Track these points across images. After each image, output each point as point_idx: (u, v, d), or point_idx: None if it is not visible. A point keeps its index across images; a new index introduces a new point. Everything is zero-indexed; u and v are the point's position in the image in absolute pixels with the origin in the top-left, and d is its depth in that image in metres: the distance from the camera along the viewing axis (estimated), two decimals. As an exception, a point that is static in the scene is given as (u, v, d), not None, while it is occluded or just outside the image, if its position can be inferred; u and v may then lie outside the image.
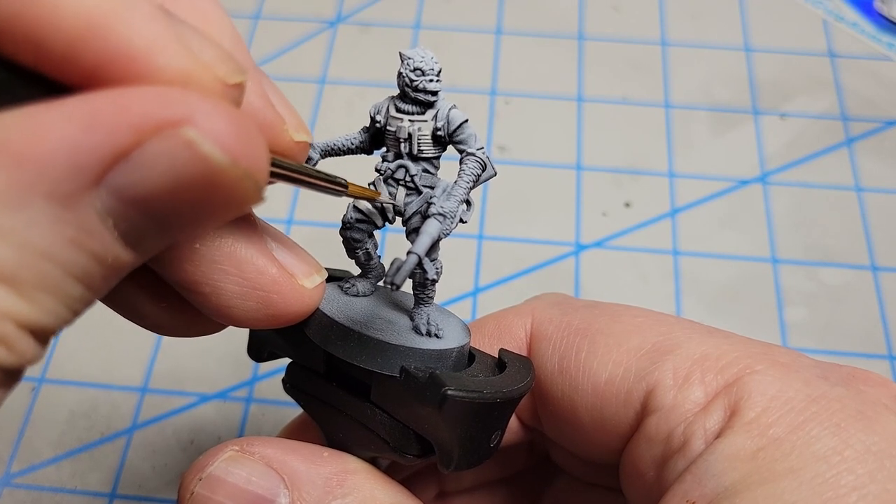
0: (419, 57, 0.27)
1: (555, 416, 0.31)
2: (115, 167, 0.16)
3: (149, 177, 0.17)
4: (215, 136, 0.17)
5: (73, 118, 0.16)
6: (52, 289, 0.17)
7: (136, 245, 0.18)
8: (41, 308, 0.17)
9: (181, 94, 0.17)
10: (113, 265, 0.18)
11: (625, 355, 0.28)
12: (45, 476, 0.47)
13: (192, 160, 0.17)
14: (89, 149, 0.16)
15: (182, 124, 0.16)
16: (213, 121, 0.17)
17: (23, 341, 0.17)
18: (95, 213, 0.17)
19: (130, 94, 0.17)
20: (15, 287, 0.16)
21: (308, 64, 0.65)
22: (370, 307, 0.29)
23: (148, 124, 0.16)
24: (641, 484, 0.27)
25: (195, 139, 0.16)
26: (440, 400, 0.24)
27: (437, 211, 0.27)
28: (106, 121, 0.16)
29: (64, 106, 0.16)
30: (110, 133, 0.16)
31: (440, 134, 0.27)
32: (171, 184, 0.17)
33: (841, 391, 0.24)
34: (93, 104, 0.16)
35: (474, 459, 0.27)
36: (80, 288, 0.17)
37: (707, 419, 0.25)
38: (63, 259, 0.17)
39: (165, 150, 0.16)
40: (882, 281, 0.54)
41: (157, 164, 0.16)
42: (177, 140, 0.16)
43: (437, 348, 0.27)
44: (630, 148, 0.61)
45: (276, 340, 0.30)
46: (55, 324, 0.18)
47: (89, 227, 0.17)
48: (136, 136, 0.16)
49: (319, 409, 0.29)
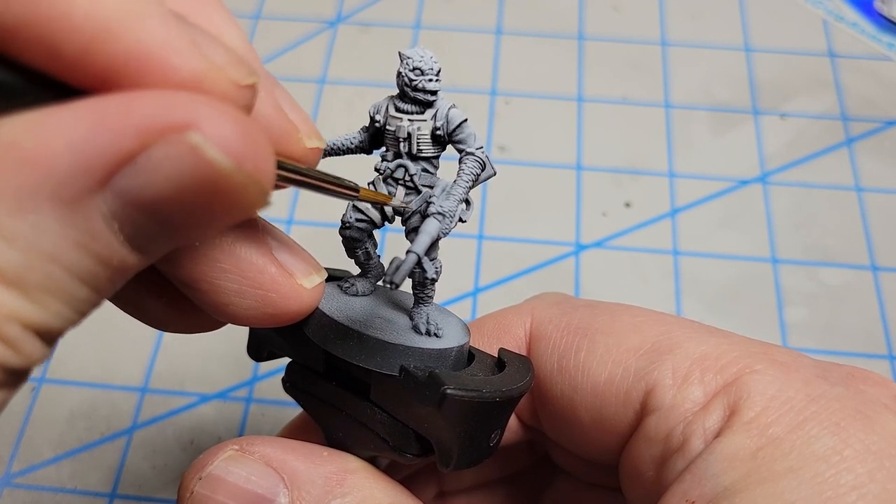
0: (418, 56, 0.27)
1: (554, 415, 0.31)
2: (120, 170, 0.16)
3: (154, 181, 0.17)
4: (220, 141, 0.17)
5: (80, 121, 0.16)
6: (58, 291, 0.17)
7: (142, 248, 0.18)
8: (47, 310, 0.17)
9: (187, 99, 0.17)
10: (118, 267, 0.18)
11: (624, 355, 0.28)
12: (45, 476, 0.47)
13: (197, 164, 0.17)
14: (95, 152, 0.16)
15: (187, 128, 0.16)
16: (218, 125, 0.17)
17: (29, 343, 0.17)
18: (101, 217, 0.17)
19: (137, 98, 0.17)
20: (21, 289, 0.16)
21: (308, 64, 0.65)
22: (369, 306, 0.29)
23: (153, 128, 0.16)
24: (641, 483, 0.27)
25: (200, 144, 0.16)
26: (439, 399, 0.24)
27: (436, 210, 0.27)
28: (112, 124, 0.16)
29: (70, 109, 0.16)
30: (116, 136, 0.16)
31: (439, 133, 0.27)
32: (175, 188, 0.17)
33: (840, 391, 0.24)
34: (99, 107, 0.16)
35: (473, 459, 0.27)
36: (85, 290, 0.18)
37: (706, 419, 0.25)
38: (69, 262, 0.17)
39: (170, 155, 0.16)
40: (882, 281, 0.54)
41: (161, 169, 0.16)
42: (182, 144, 0.16)
43: (437, 347, 0.27)
44: (630, 148, 0.61)
45: (276, 340, 0.30)
46: (61, 325, 0.18)
47: (95, 230, 0.17)
48: (141, 139, 0.16)
49: (319, 408, 0.29)
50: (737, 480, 0.23)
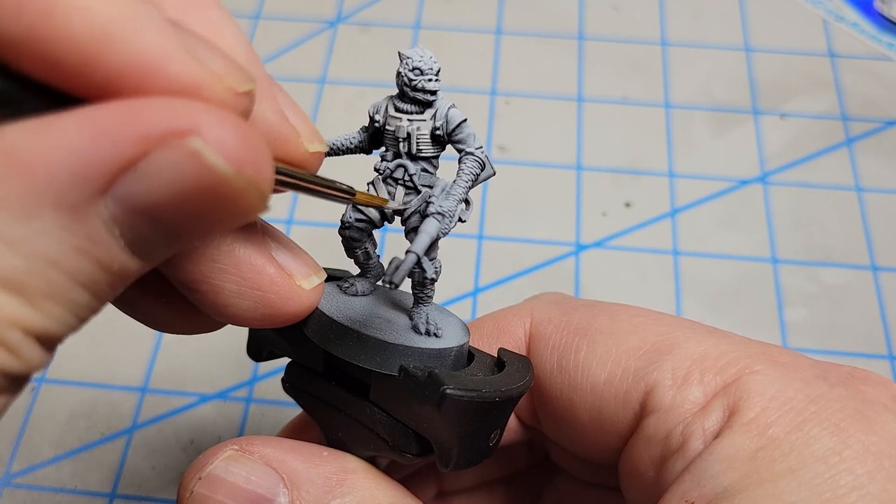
0: (418, 56, 0.27)
1: (554, 415, 0.31)
2: (121, 177, 0.17)
3: (155, 186, 0.17)
4: (220, 147, 0.17)
5: (81, 129, 0.16)
6: (60, 297, 0.17)
7: (143, 253, 0.18)
8: (48, 315, 0.17)
9: (187, 105, 0.17)
10: (119, 273, 0.18)
11: (624, 355, 0.28)
12: (45, 476, 0.47)
13: (198, 170, 0.17)
14: (96, 159, 0.16)
15: (188, 134, 0.17)
16: (219, 131, 0.17)
17: (29, 348, 0.17)
18: (102, 223, 0.17)
19: (137, 105, 0.17)
20: (23, 295, 0.16)
21: (308, 64, 0.65)
22: (369, 306, 0.29)
23: (154, 134, 0.16)
24: (640, 484, 0.27)
25: (201, 149, 0.17)
26: (439, 399, 0.24)
27: (435, 210, 0.27)
28: (112, 131, 0.16)
29: (71, 117, 0.16)
30: (117, 143, 0.16)
31: (439, 133, 0.27)
32: (176, 193, 0.17)
33: (840, 391, 0.24)
34: (100, 115, 0.16)
35: (473, 458, 0.27)
36: (86, 295, 0.18)
37: (706, 419, 0.25)
38: (70, 267, 0.17)
39: (171, 160, 0.17)
40: (882, 281, 0.54)
41: (162, 174, 0.17)
42: (182, 150, 0.17)
43: (436, 347, 0.27)
44: (630, 148, 0.61)
45: (276, 340, 0.30)
46: (62, 331, 0.18)
47: (96, 236, 0.17)
48: (142, 146, 0.16)
49: (319, 408, 0.29)
50: (736, 481, 0.23)
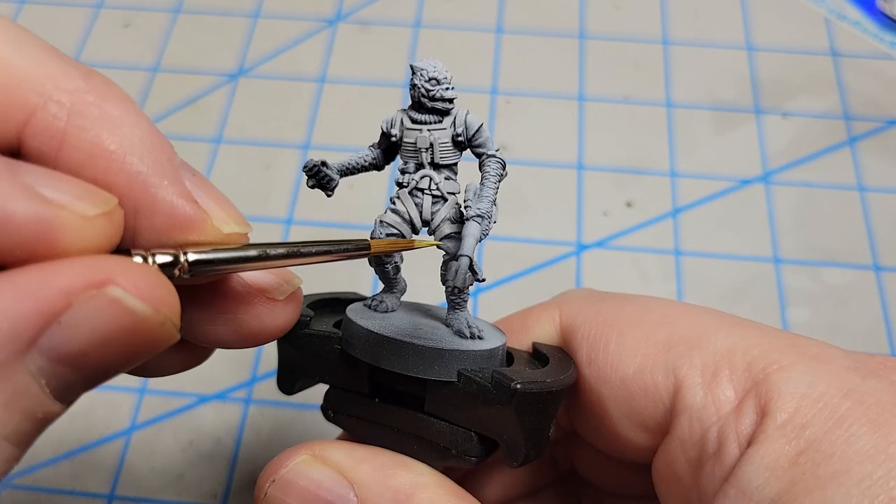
0: (432, 67, 0.27)
1: (585, 411, 0.31)
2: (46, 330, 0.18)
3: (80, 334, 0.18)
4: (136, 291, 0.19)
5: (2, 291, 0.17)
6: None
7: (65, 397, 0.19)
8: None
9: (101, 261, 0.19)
10: (43, 419, 0.19)
11: (653, 348, 0.28)
12: (45, 477, 0.47)
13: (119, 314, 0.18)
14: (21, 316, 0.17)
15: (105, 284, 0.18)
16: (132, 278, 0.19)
17: None
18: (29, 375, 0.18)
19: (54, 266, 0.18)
20: None
21: (308, 63, 0.65)
22: (409, 319, 0.29)
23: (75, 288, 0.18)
24: (678, 487, 0.27)
25: (120, 296, 0.18)
26: (510, 395, 0.25)
27: (475, 213, 0.27)
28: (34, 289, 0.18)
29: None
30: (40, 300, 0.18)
31: (460, 139, 0.28)
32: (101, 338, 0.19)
33: (873, 383, 0.24)
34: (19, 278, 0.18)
35: (538, 451, 0.28)
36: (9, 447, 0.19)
37: (739, 422, 0.24)
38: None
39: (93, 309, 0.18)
40: (885, 281, 0.53)
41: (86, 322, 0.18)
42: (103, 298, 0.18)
43: (487, 348, 0.27)
44: (631, 147, 0.60)
45: (311, 368, 0.30)
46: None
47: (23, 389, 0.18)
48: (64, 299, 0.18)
49: (367, 429, 0.29)
50: (782, 491, 0.22)
